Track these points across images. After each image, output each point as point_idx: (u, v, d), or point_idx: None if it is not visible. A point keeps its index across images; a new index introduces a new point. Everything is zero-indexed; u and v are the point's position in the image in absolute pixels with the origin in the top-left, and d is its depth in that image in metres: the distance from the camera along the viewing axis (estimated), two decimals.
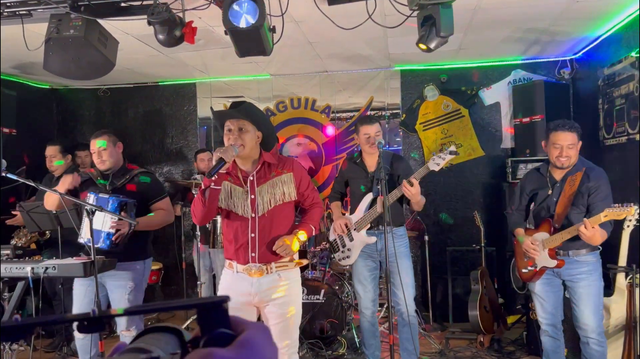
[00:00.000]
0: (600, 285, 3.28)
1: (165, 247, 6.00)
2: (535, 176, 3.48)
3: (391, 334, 3.33)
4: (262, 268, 2.75)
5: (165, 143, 6.35)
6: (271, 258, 2.76)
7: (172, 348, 0.51)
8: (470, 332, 4.76)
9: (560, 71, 5.46)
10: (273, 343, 0.54)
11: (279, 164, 2.82)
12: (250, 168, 2.78)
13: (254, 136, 2.72)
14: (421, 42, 3.13)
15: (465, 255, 5.40)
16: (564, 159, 3.20)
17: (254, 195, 2.74)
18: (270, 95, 6.15)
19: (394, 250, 3.55)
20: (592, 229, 2.95)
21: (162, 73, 5.87)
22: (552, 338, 3.44)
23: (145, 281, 3.64)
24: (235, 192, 2.76)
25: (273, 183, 2.77)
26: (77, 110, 6.44)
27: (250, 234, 2.74)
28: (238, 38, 3.06)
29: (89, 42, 3.04)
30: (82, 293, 3.44)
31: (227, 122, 2.71)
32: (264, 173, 2.78)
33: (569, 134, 3.18)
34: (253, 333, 0.51)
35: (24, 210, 4.12)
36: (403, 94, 5.93)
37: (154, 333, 0.53)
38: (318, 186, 6.01)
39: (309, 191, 2.92)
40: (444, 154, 3.40)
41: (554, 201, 3.29)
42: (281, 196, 2.77)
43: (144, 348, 0.49)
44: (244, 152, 2.67)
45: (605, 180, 3.20)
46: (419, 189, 3.43)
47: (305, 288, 4.45)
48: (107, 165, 3.51)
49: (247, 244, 2.74)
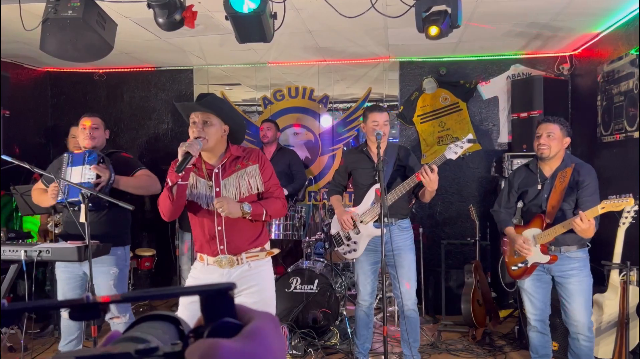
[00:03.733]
0: (590, 281, 3.30)
1: (159, 234, 5.97)
2: (524, 172, 3.49)
3: (385, 325, 3.34)
4: (232, 259, 2.74)
5: (160, 129, 6.31)
6: (240, 249, 2.75)
7: (170, 338, 0.48)
8: (463, 325, 4.78)
9: (560, 67, 5.46)
10: (281, 333, 0.51)
11: (244, 156, 2.78)
12: (215, 162, 2.75)
13: (220, 129, 2.68)
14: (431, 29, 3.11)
15: (459, 249, 5.42)
16: (543, 147, 3.26)
17: (218, 188, 2.72)
18: (267, 84, 6.11)
19: (392, 243, 3.54)
20: (588, 222, 2.96)
21: (159, 58, 5.81)
22: (541, 333, 3.47)
23: (127, 267, 3.60)
24: (199, 184, 2.74)
25: (238, 176, 2.74)
26: (72, 94, 6.37)
27: (217, 227, 2.73)
28: (239, 24, 3.03)
29: (87, 23, 2.99)
30: (61, 280, 3.40)
31: (192, 114, 2.67)
32: (229, 166, 2.75)
33: (550, 124, 3.28)
34: (261, 323, 0.49)
35: (17, 193, 4.08)
36: (401, 86, 5.90)
37: (150, 321, 0.50)
38: (314, 176, 5.99)
39: (271, 184, 2.83)
40: (461, 142, 3.37)
41: (544, 197, 3.31)
42: (247, 189, 2.74)
43: (140, 337, 0.46)
44: (207, 145, 2.64)
45: (594, 177, 3.24)
46: (437, 176, 3.35)
47: (299, 278, 4.46)
48: (95, 142, 3.48)
49: (214, 237, 2.74)
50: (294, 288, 4.45)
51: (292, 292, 4.45)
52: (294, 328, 4.33)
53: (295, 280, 4.46)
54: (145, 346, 0.44)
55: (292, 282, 4.46)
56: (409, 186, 3.50)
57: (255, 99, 6.15)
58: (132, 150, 6.07)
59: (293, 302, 4.43)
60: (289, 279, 4.47)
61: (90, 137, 3.46)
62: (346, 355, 4.25)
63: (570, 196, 3.22)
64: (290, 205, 4.83)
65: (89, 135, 3.46)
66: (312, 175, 5.98)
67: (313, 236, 4.94)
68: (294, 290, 4.45)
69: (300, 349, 4.21)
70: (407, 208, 3.84)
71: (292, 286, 4.46)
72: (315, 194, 6.00)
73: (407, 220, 3.80)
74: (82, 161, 3.27)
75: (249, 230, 2.79)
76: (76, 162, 3.29)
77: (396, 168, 3.73)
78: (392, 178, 3.70)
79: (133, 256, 5.41)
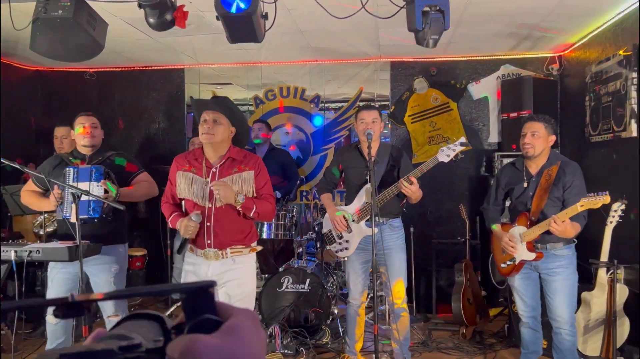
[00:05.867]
0: (575, 278, 3.34)
1: (150, 233, 5.96)
2: (510, 170, 3.52)
3: (376, 324, 3.36)
4: (217, 253, 2.95)
5: (151, 128, 6.29)
6: (226, 244, 2.95)
7: (154, 335, 0.49)
8: (453, 324, 4.82)
9: (549, 67, 5.50)
10: (261, 329, 0.52)
11: (243, 160, 2.99)
12: (216, 161, 2.97)
13: (227, 130, 2.91)
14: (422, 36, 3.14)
15: (450, 248, 5.44)
16: (528, 146, 3.30)
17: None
18: (259, 83, 6.11)
19: (382, 243, 3.56)
20: (563, 223, 2.99)
21: (150, 58, 5.80)
22: (532, 329, 3.50)
23: (126, 264, 3.63)
24: (195, 183, 2.94)
25: (233, 179, 2.92)
26: (63, 93, 6.34)
27: (206, 223, 2.93)
28: (230, 24, 3.03)
29: (78, 23, 2.98)
30: (58, 281, 3.37)
31: (204, 112, 2.88)
32: (227, 168, 2.95)
33: (535, 123, 3.31)
34: (240, 319, 0.50)
35: (7, 193, 4.06)
36: (392, 86, 5.92)
37: (135, 319, 0.51)
38: (305, 176, 6.00)
39: (264, 191, 3.02)
40: (454, 145, 3.39)
41: (530, 195, 3.34)
42: (239, 192, 2.90)
43: (124, 334, 0.47)
44: (213, 140, 2.86)
45: (580, 175, 3.27)
46: (418, 186, 3.39)
47: (290, 277, 4.47)
48: (95, 141, 3.49)
49: (203, 231, 2.94)
50: (286, 287, 4.46)
51: (283, 291, 4.46)
52: (285, 327, 4.34)
53: (286, 279, 4.47)
54: (128, 342, 0.45)
55: (283, 281, 4.47)
56: (393, 193, 3.53)
57: (246, 99, 6.15)
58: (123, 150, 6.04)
59: (284, 301, 4.44)
60: (281, 278, 4.48)
61: (90, 136, 3.46)
62: (337, 354, 4.27)
63: (556, 194, 3.25)
64: (282, 204, 4.84)
65: (89, 133, 3.45)
66: (304, 174, 5.99)
67: (305, 236, 4.95)
68: (285, 289, 4.46)
69: (291, 349, 4.22)
70: (399, 207, 3.85)
71: (284, 286, 4.46)
72: (307, 194, 6.02)
73: (399, 219, 3.82)
74: (89, 177, 3.22)
75: (236, 228, 2.99)
76: (82, 178, 3.23)
77: (389, 168, 3.73)
78: (384, 179, 3.70)
79: None
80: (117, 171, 3.47)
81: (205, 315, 0.49)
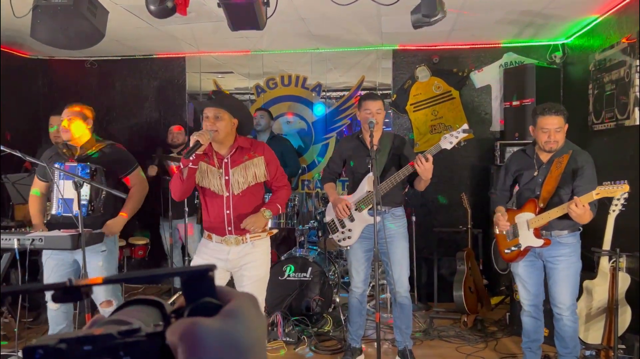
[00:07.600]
0: (578, 265, 3.33)
1: (153, 222, 5.95)
2: (521, 157, 3.50)
3: (377, 312, 3.36)
4: (238, 239, 3.12)
5: (152, 117, 6.28)
6: (246, 230, 3.09)
7: (153, 321, 0.49)
8: (455, 312, 4.83)
9: (552, 55, 5.46)
10: (260, 312, 0.52)
11: (251, 148, 3.15)
12: (225, 152, 3.12)
13: (230, 123, 3.05)
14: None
15: (451, 236, 5.45)
16: (552, 144, 3.23)
17: (228, 176, 3.08)
18: (260, 72, 6.08)
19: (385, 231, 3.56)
20: (583, 207, 2.97)
21: (151, 46, 5.77)
22: (534, 318, 3.51)
23: (116, 250, 3.62)
24: (211, 172, 3.09)
25: (246, 166, 3.10)
26: (63, 82, 6.32)
27: (226, 211, 3.09)
28: (231, 11, 3.01)
29: (78, 10, 2.97)
30: (53, 267, 3.41)
31: (205, 110, 3.03)
32: (237, 157, 3.11)
33: (556, 118, 3.21)
34: (240, 303, 0.49)
35: (9, 181, 4.06)
36: (394, 74, 5.89)
37: (134, 305, 0.51)
38: (307, 164, 5.99)
39: (278, 174, 3.23)
40: (456, 132, 3.37)
41: (539, 182, 3.31)
42: (253, 178, 3.10)
43: (123, 319, 0.47)
44: (218, 136, 3.00)
45: (591, 164, 3.24)
46: (432, 166, 3.37)
47: (293, 266, 4.48)
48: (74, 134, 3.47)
49: (223, 219, 3.09)
50: (288, 275, 4.47)
51: (285, 280, 4.47)
52: (287, 316, 4.35)
53: (288, 267, 4.48)
54: (127, 327, 0.45)
55: (285, 270, 4.48)
56: (403, 175, 3.51)
57: (248, 87, 6.12)
58: (124, 139, 6.03)
59: (287, 290, 4.46)
60: (283, 267, 4.49)
61: (65, 131, 3.43)
62: (339, 342, 4.29)
63: (567, 183, 3.22)
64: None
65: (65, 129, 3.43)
66: (305, 163, 5.98)
67: (306, 225, 4.96)
68: (287, 277, 4.47)
69: (293, 337, 4.24)
70: (401, 196, 3.85)
71: (286, 274, 4.48)
72: (308, 182, 6.01)
73: (401, 208, 3.82)
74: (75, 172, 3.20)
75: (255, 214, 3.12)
76: (69, 177, 3.20)
77: (391, 157, 3.72)
78: (387, 167, 3.70)
79: (127, 245, 5.41)
80: (110, 164, 3.48)
81: (205, 299, 0.48)
